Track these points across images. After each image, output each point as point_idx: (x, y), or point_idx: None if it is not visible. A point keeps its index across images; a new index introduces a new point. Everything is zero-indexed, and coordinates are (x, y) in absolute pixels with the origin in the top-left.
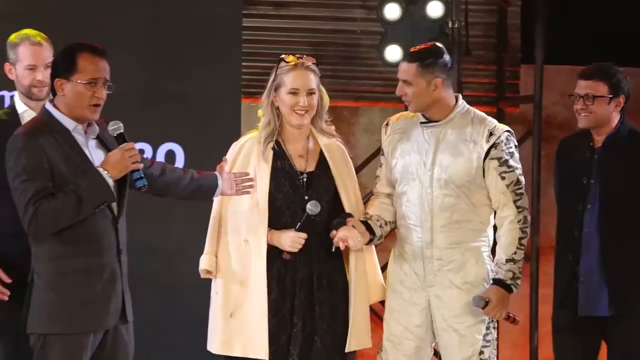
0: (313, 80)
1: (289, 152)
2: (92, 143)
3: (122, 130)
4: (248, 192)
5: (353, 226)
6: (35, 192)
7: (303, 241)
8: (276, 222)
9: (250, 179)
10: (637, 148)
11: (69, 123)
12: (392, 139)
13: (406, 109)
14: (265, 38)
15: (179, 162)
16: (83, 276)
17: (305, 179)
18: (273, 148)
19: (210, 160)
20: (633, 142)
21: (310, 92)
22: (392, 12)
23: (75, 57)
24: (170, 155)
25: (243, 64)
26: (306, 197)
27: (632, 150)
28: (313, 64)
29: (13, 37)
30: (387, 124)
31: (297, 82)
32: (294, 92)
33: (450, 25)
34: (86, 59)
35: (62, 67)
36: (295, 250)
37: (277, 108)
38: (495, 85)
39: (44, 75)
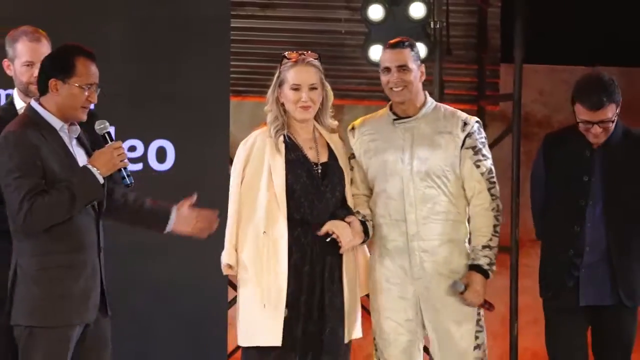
0: (315, 76)
1: (300, 145)
2: (74, 142)
3: (108, 129)
4: (204, 235)
5: (349, 224)
6: (30, 189)
7: None
8: (294, 212)
9: (214, 219)
10: (633, 145)
11: (56, 122)
12: (362, 141)
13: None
14: (253, 38)
15: (170, 158)
16: (66, 271)
17: (320, 170)
18: (284, 141)
19: (200, 156)
20: (629, 140)
21: (312, 87)
22: (375, 13)
23: (73, 60)
24: (161, 151)
25: (231, 63)
26: (322, 188)
27: (628, 148)
28: (315, 59)
29: (11, 33)
30: (352, 129)
31: (298, 77)
32: (296, 88)
33: (432, 25)
34: (83, 64)
35: (59, 69)
36: None
37: (283, 104)
38: (475, 83)
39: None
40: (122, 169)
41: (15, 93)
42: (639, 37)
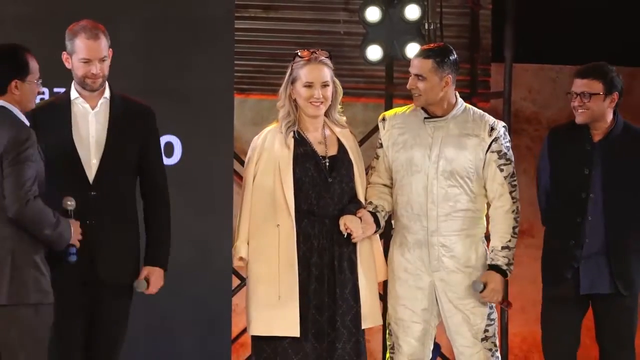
0: (327, 73)
1: (309, 140)
2: None
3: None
4: None
5: (360, 218)
6: (32, 185)
7: None
8: (303, 203)
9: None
10: (632, 141)
11: (26, 121)
12: (391, 134)
13: (387, 104)
14: (256, 39)
15: (177, 152)
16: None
17: (327, 163)
18: (294, 137)
19: (206, 150)
20: (628, 135)
21: (324, 85)
22: (372, 14)
23: (26, 59)
24: (169, 146)
25: (235, 62)
26: (329, 180)
27: (628, 143)
28: (326, 57)
29: (72, 27)
30: (383, 119)
31: (311, 75)
32: (309, 85)
33: (426, 26)
34: (33, 61)
35: (18, 70)
36: None
37: (294, 100)
38: (468, 82)
39: (98, 68)
40: (72, 245)
41: (73, 84)
42: (622, 38)
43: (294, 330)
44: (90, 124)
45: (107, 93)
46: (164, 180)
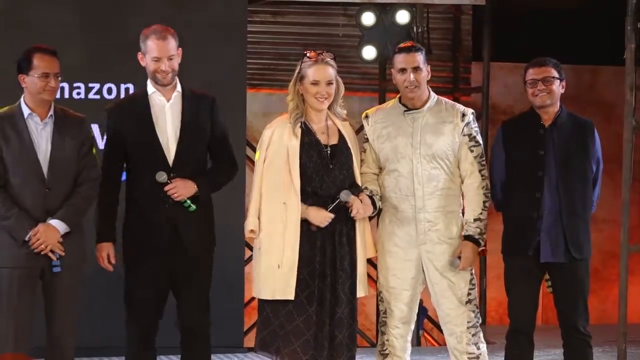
0: (331, 73)
1: (313, 130)
2: (42, 127)
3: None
4: None
5: (361, 200)
6: None
7: (330, 220)
8: (307, 186)
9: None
10: (576, 126)
11: (25, 110)
12: (375, 128)
13: (380, 98)
14: (266, 40)
15: None
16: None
17: (329, 151)
18: (301, 127)
19: None
20: (572, 121)
21: (329, 83)
22: (368, 19)
23: (31, 57)
24: None
25: (248, 60)
26: (331, 166)
27: (573, 128)
28: (331, 59)
29: (144, 32)
30: (366, 117)
31: (317, 74)
32: (315, 83)
33: (415, 30)
34: (39, 58)
35: (22, 66)
36: (323, 226)
37: (302, 95)
38: (451, 78)
39: (166, 65)
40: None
41: (148, 81)
42: (585, 39)
43: (290, 294)
44: (167, 115)
45: (178, 87)
46: (231, 149)
